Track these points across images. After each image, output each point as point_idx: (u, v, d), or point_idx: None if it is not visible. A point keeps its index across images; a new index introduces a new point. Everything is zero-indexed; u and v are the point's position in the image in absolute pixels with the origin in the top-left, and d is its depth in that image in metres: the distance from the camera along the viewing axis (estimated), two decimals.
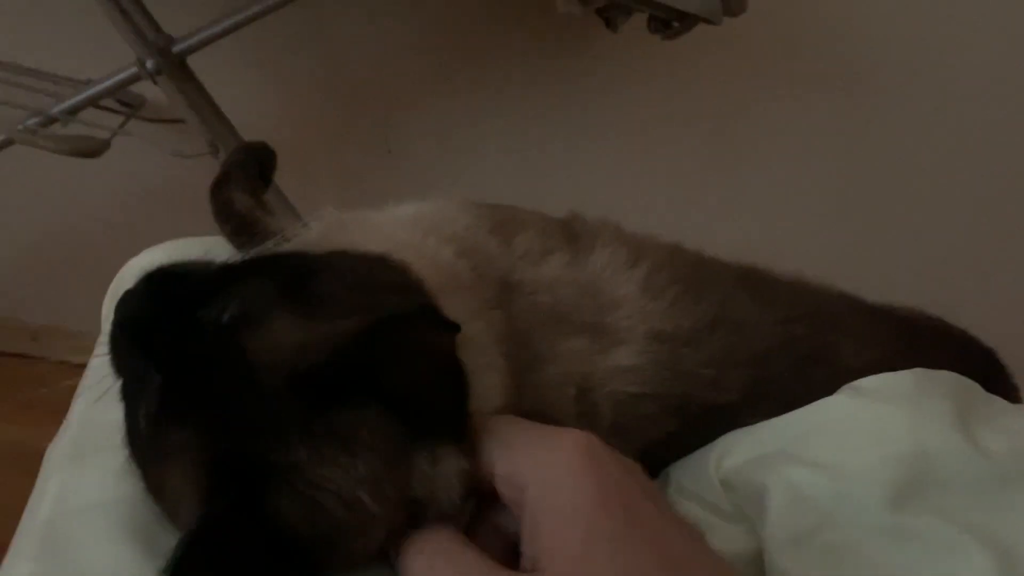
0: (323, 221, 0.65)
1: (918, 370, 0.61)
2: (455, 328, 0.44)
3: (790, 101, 1.56)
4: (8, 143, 1.29)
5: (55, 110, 1.26)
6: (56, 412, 0.63)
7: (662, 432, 0.58)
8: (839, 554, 0.51)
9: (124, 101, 1.42)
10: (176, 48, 1.26)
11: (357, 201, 0.67)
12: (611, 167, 1.61)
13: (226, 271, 0.49)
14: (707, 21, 1.28)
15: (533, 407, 0.52)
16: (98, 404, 0.55)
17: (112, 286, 0.78)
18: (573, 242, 0.64)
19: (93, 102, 1.29)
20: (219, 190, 0.74)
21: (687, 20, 1.29)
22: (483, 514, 0.48)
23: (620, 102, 1.58)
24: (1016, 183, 1.59)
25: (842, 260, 1.03)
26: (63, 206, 1.60)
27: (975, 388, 0.62)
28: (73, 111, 1.27)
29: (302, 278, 0.47)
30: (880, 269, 1.31)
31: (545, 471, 0.44)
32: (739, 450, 0.57)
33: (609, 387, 0.57)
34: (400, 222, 0.62)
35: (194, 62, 1.29)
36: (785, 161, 1.62)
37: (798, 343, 0.65)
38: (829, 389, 0.60)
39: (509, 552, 0.46)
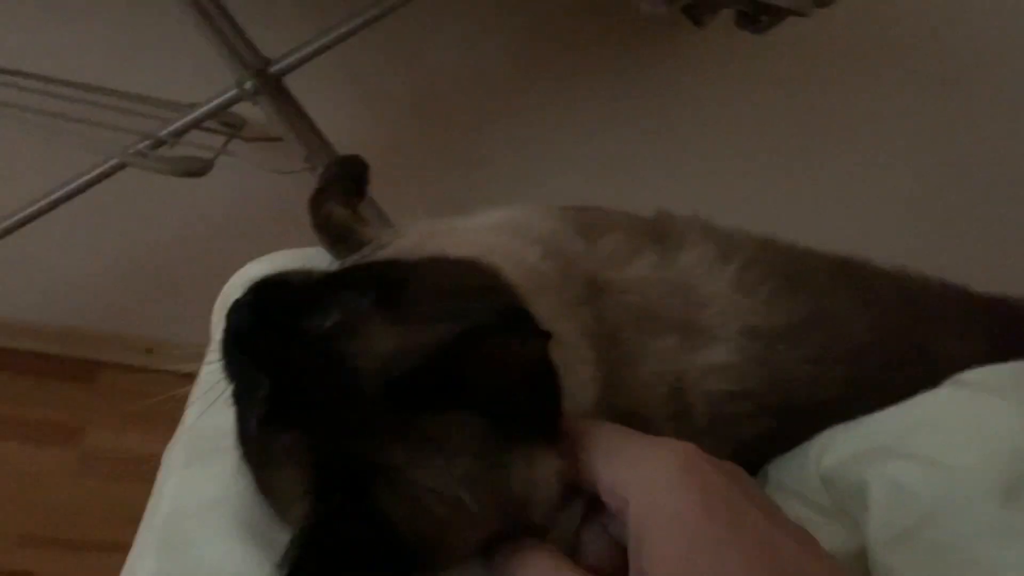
0: (415, 229, 0.66)
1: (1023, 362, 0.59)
2: (546, 335, 0.45)
3: (886, 93, 1.52)
4: (121, 167, 1.35)
5: (163, 133, 1.32)
6: (170, 421, 0.66)
7: (759, 430, 0.58)
8: (946, 552, 0.49)
9: (226, 122, 1.48)
10: (273, 69, 1.31)
11: (448, 211, 0.68)
12: (699, 166, 1.60)
13: (327, 280, 0.51)
14: (797, 13, 1.26)
15: (626, 406, 0.52)
16: (211, 410, 0.58)
17: (220, 297, 0.81)
18: (661, 241, 0.64)
19: (197, 124, 1.34)
20: (317, 203, 0.76)
21: (776, 13, 1.27)
22: (591, 516, 0.49)
23: (707, 101, 1.56)
24: None
25: (934, 254, 0.99)
26: (172, 224, 1.67)
27: None
28: (179, 133, 1.33)
29: (396, 285, 0.49)
30: (973, 262, 1.26)
31: (647, 483, 0.44)
32: (840, 446, 0.56)
33: (703, 386, 0.57)
34: (488, 228, 0.63)
35: (291, 82, 1.34)
36: (878, 156, 1.58)
37: (898, 336, 0.63)
38: (931, 383, 0.58)
39: (618, 556, 0.47)
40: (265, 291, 0.51)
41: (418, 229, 0.66)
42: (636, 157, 1.61)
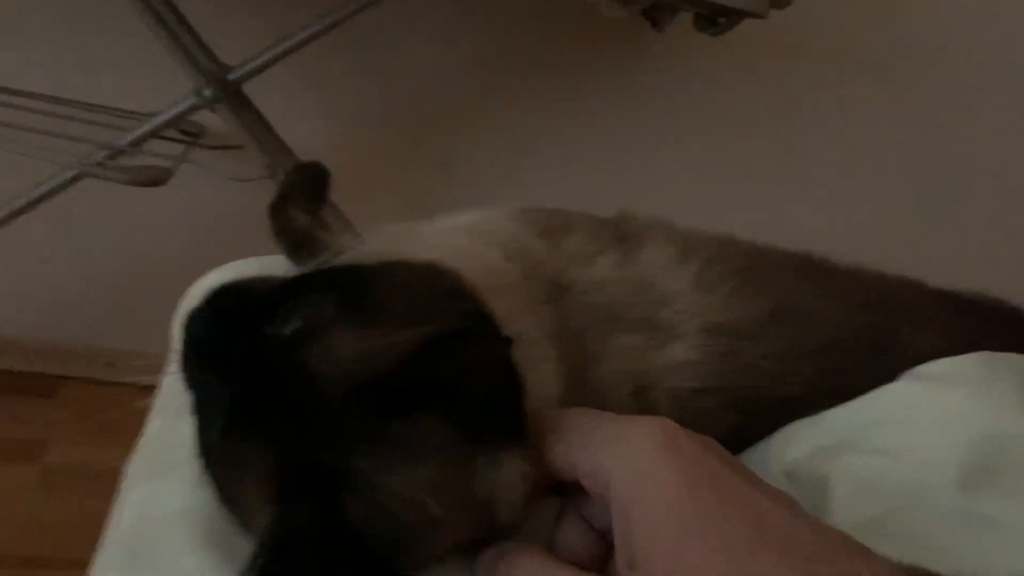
0: (376, 234, 0.66)
1: (984, 353, 0.59)
2: (509, 341, 0.45)
3: (843, 93, 1.54)
4: (79, 177, 1.34)
5: (122, 143, 1.30)
6: (134, 434, 0.65)
7: (724, 426, 0.58)
8: (909, 542, 0.50)
9: (185, 131, 1.46)
10: (232, 76, 1.30)
11: (415, 217, 0.68)
12: (665, 168, 1.61)
13: (286, 286, 0.51)
14: (753, 15, 1.27)
15: (591, 404, 0.53)
16: (173, 420, 0.58)
17: (180, 309, 0.80)
18: (623, 241, 0.64)
19: (156, 133, 1.33)
20: (278, 210, 0.76)
21: (733, 15, 1.29)
22: (572, 507, 0.49)
23: (670, 103, 1.58)
24: None
25: (898, 249, 1.00)
26: (132, 235, 1.65)
27: None
28: (138, 143, 1.31)
29: (358, 289, 0.48)
30: (938, 257, 1.28)
31: (627, 462, 0.44)
32: (801, 441, 0.56)
33: (667, 384, 0.57)
34: (449, 231, 0.64)
35: (251, 89, 1.33)
36: (837, 154, 1.60)
37: (863, 332, 0.64)
38: (893, 377, 0.59)
39: (596, 544, 0.47)
40: (223, 298, 0.50)
41: (380, 234, 0.66)
42: (605, 158, 1.61)
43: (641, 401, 0.56)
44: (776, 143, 1.60)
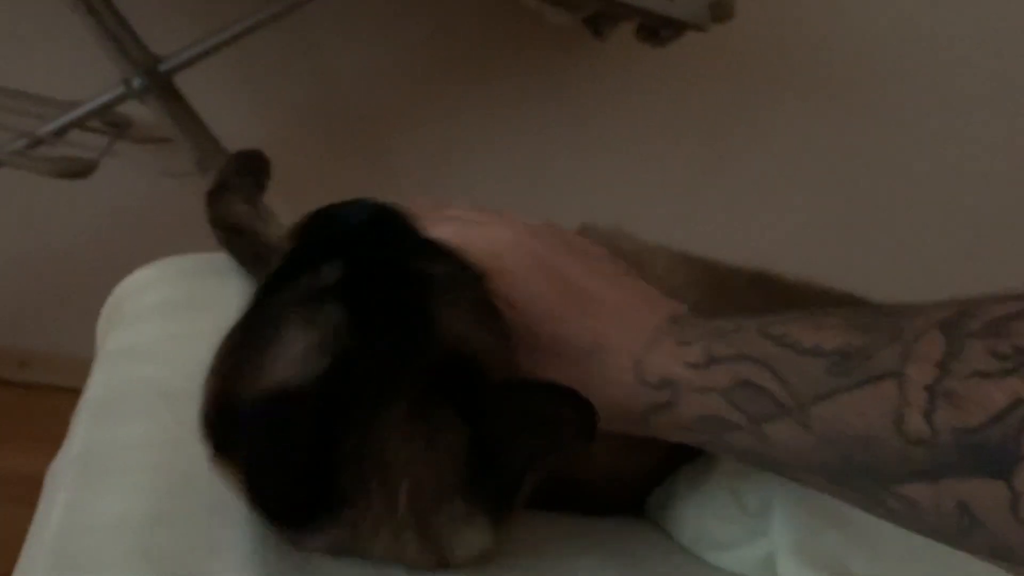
0: None
1: None
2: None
3: (780, 104, 1.57)
4: None
5: (41, 132, 1.25)
6: (50, 438, 0.62)
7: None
8: (857, 546, 0.50)
9: (111, 122, 1.41)
10: (162, 67, 1.26)
11: None
12: (607, 176, 1.62)
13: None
14: (695, 28, 1.29)
15: None
16: (103, 425, 0.54)
17: (106, 308, 0.77)
18: None
19: (80, 123, 1.28)
20: (216, 198, 0.73)
21: (674, 27, 1.30)
22: None
23: (614, 112, 1.58)
24: (1005, 182, 1.61)
25: (837, 260, 1.02)
26: (51, 229, 1.58)
27: None
28: (60, 132, 1.26)
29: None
30: (873, 267, 1.32)
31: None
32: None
33: None
34: None
35: (182, 82, 1.29)
36: (778, 163, 1.63)
37: None
38: None
39: None
40: (389, 212, 0.51)
41: None
42: (540, 160, 1.61)
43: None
44: (713, 153, 1.62)
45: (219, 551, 0.45)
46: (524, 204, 0.75)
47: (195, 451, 0.51)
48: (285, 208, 1.09)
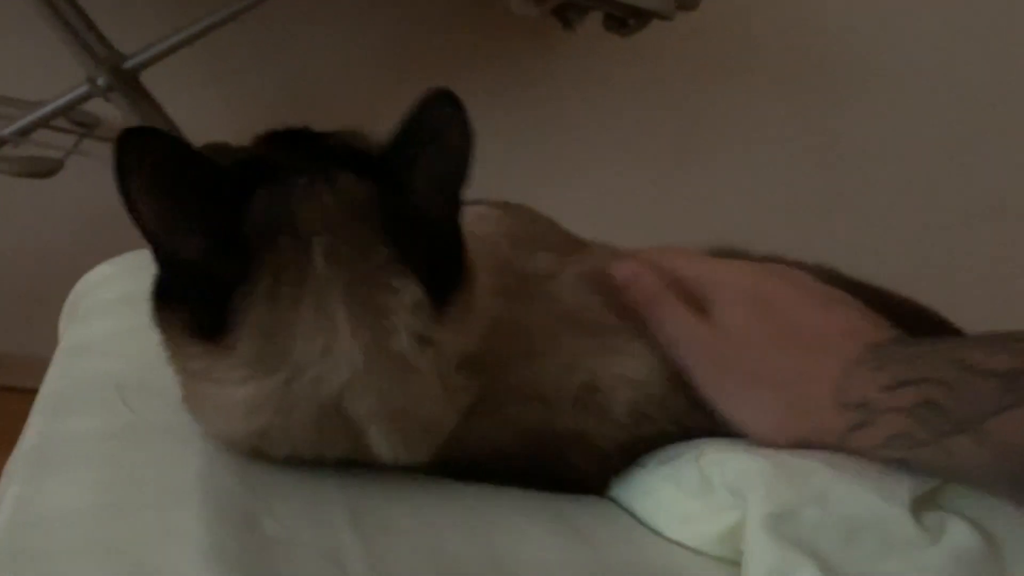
0: None
1: None
2: None
3: (750, 90, 1.58)
4: None
5: (6, 132, 1.24)
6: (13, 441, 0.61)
7: (665, 428, 0.58)
8: (834, 528, 0.50)
9: (79, 121, 1.40)
10: (127, 64, 1.25)
11: None
12: (575, 166, 1.62)
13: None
14: (660, 16, 1.29)
15: (528, 390, 0.53)
16: (55, 418, 0.54)
17: (65, 305, 0.76)
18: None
19: (45, 123, 1.27)
20: None
21: (642, 17, 1.30)
22: None
23: (584, 103, 1.58)
24: (974, 166, 1.63)
25: (808, 242, 1.02)
26: (15, 229, 1.57)
27: None
28: (24, 132, 1.25)
29: None
30: (850, 248, 1.32)
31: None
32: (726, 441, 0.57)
33: (620, 395, 0.56)
34: None
35: (150, 79, 1.28)
36: (750, 148, 1.63)
37: None
38: None
39: None
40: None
41: None
42: (510, 154, 1.60)
43: (588, 400, 0.55)
44: (684, 141, 1.63)
45: (175, 538, 0.44)
46: (497, 194, 0.75)
47: (150, 441, 0.51)
48: None
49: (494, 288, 0.54)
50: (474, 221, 0.61)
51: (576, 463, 0.56)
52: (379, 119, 1.60)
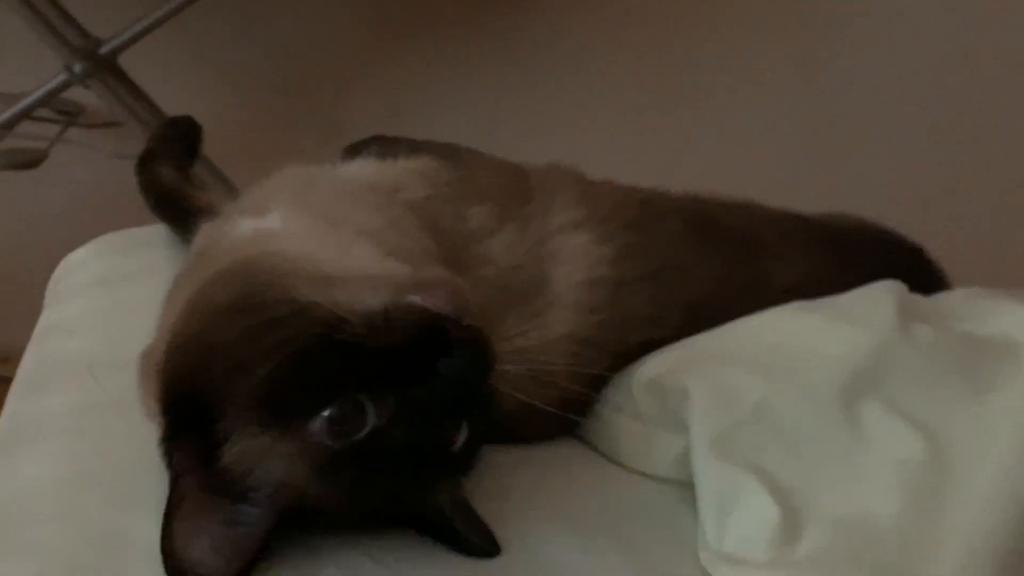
0: (280, 178, 0.65)
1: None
2: None
3: (734, 33, 1.57)
4: None
5: None
6: None
7: (601, 368, 0.60)
8: (773, 443, 0.52)
9: (62, 110, 1.41)
10: (103, 50, 1.25)
11: None
12: (565, 113, 1.61)
13: None
14: None
15: None
16: (30, 395, 0.56)
17: (48, 289, 0.78)
18: (528, 202, 0.65)
19: (26, 115, 1.27)
20: (145, 166, 0.75)
21: None
22: None
23: (567, 48, 1.56)
24: (967, 101, 1.61)
25: (791, 180, 1.03)
26: (11, 224, 1.58)
27: (902, 288, 0.63)
28: (7, 126, 1.26)
29: None
30: (826, 184, 1.32)
31: None
32: (662, 358, 0.58)
33: (556, 364, 0.58)
34: (361, 189, 0.62)
35: (131, 64, 1.28)
36: (735, 92, 1.62)
37: (732, 277, 0.67)
38: (766, 306, 0.62)
39: None
40: None
41: (283, 180, 0.64)
42: (503, 115, 1.60)
43: (538, 380, 0.56)
44: (668, 84, 1.61)
45: (142, 503, 0.46)
46: (486, 145, 0.75)
47: (117, 414, 0.52)
48: (243, 179, 1.10)
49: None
50: (415, 181, 0.62)
51: (524, 435, 0.58)
52: (358, 83, 1.59)
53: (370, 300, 0.45)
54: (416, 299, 0.45)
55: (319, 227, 0.54)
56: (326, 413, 0.43)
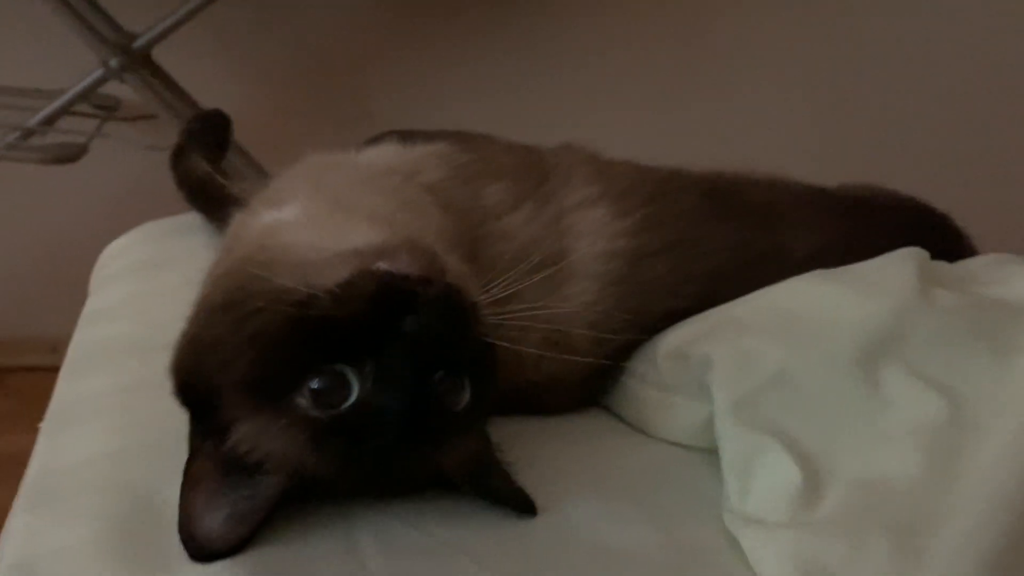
0: (305, 164, 0.67)
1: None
2: None
3: (749, 13, 1.56)
4: None
5: (31, 123, 1.28)
6: None
7: (623, 340, 0.61)
8: (795, 407, 0.53)
9: (100, 104, 1.44)
10: (137, 44, 1.28)
11: None
12: (586, 99, 1.61)
13: None
14: None
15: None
16: (75, 379, 0.59)
17: (92, 277, 0.81)
18: (545, 182, 0.66)
19: (66, 110, 1.31)
20: (178, 160, 0.77)
21: None
22: None
23: (586, 34, 1.57)
24: (973, 72, 1.59)
25: (811, 158, 1.02)
26: (57, 215, 1.62)
27: (924, 255, 0.63)
28: (48, 121, 1.29)
29: None
30: (848, 162, 1.31)
31: None
32: (685, 329, 0.59)
33: (575, 330, 0.59)
34: (379, 174, 0.64)
35: (163, 56, 1.31)
36: (751, 73, 1.62)
37: (751, 247, 0.68)
38: (783, 276, 0.62)
39: None
40: None
41: (304, 168, 0.66)
42: (528, 94, 1.60)
43: (552, 343, 0.58)
44: (684, 66, 1.61)
45: (180, 476, 0.48)
46: (509, 127, 0.76)
47: (158, 393, 0.55)
48: (277, 163, 1.12)
49: (466, 256, 0.57)
50: (432, 163, 0.63)
51: (549, 406, 0.60)
52: (384, 67, 1.59)
53: (338, 273, 0.47)
54: (381, 264, 0.47)
55: (327, 215, 0.56)
56: (310, 386, 0.45)
